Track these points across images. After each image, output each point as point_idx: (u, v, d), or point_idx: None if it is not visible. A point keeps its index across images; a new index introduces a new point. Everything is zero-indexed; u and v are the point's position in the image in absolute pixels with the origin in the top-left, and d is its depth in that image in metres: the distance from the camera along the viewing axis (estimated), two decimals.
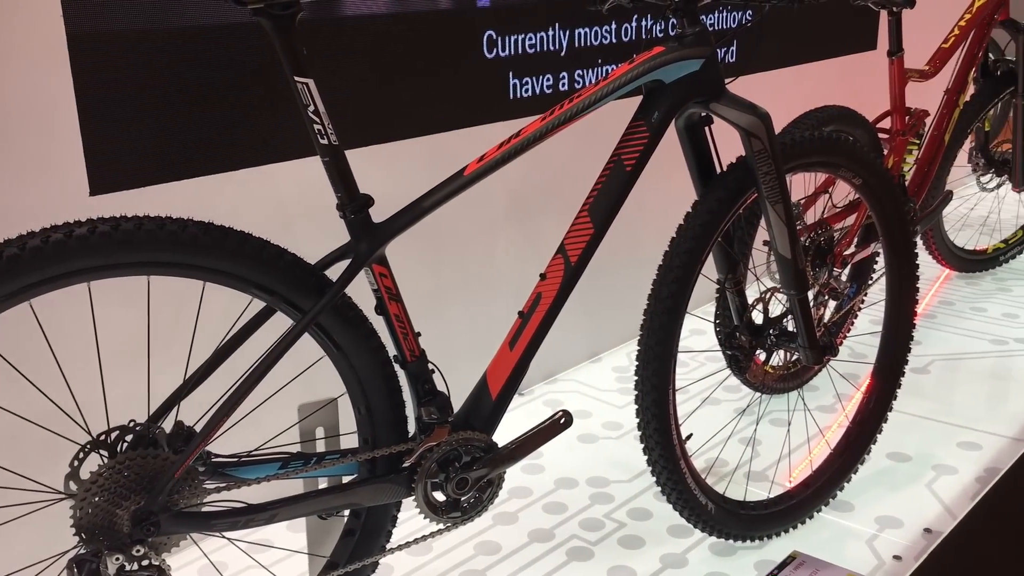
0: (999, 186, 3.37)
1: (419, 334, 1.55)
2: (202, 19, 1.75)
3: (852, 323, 2.72)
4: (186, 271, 1.34)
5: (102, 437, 1.33)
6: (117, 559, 1.31)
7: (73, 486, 1.31)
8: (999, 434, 2.37)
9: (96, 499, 1.30)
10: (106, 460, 1.32)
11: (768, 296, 1.91)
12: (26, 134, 1.59)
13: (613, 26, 2.59)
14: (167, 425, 1.39)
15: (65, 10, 1.58)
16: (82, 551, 1.31)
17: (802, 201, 2.43)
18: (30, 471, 1.42)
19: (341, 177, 1.43)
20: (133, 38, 1.67)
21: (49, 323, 1.44)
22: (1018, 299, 3.26)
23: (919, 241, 3.06)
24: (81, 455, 1.32)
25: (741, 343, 1.90)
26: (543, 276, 1.63)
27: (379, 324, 1.52)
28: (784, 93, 3.28)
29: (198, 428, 1.38)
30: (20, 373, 1.42)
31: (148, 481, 1.33)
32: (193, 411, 1.41)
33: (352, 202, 1.44)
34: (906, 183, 2.86)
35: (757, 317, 1.91)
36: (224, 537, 1.55)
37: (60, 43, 1.59)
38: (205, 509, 1.40)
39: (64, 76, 1.60)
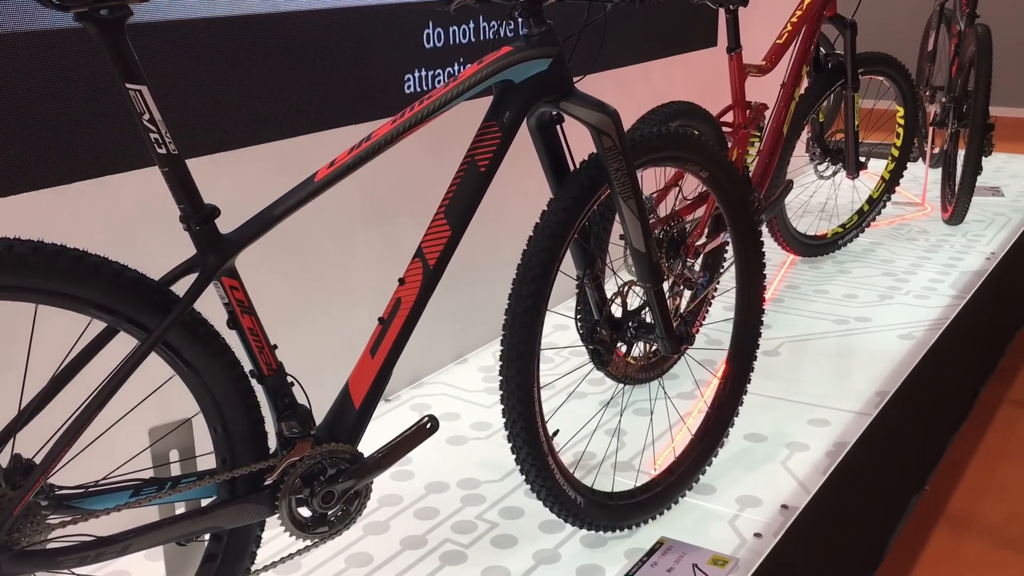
0: (835, 174, 3.55)
1: (275, 347, 1.50)
2: (19, 25, 1.64)
3: (707, 311, 2.81)
4: (15, 294, 1.25)
5: None
6: None
7: None
8: (845, 409, 2.51)
9: None
10: None
11: (626, 289, 1.95)
12: None
13: (471, 26, 2.59)
14: (3, 459, 1.30)
15: None
16: None
17: (654, 195, 2.49)
18: None
19: (183, 187, 1.37)
20: None
21: None
22: (856, 280, 3.45)
23: (764, 229, 3.20)
24: None
25: (602, 337, 1.93)
26: (402, 281, 1.61)
27: (232, 338, 1.46)
28: (631, 90, 3.37)
29: (38, 460, 1.29)
30: None
31: None
32: (32, 442, 1.32)
33: (196, 213, 1.38)
34: (750, 174, 2.98)
35: (616, 311, 1.95)
36: (74, 574, 1.46)
37: None
38: (50, 546, 1.32)
39: None
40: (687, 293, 2.51)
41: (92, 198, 1.81)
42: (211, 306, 1.43)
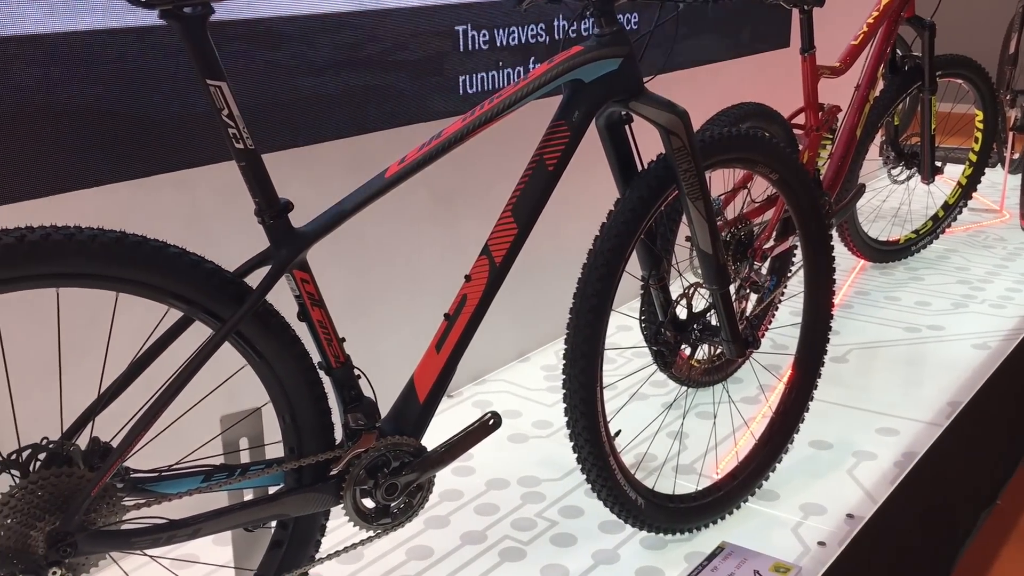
0: (909, 178, 3.48)
1: (343, 339, 1.53)
2: (111, 20, 1.70)
3: (773, 315, 2.77)
4: (99, 282, 1.30)
5: (13, 456, 1.28)
6: None
7: None
8: (915, 419, 2.45)
9: (8, 521, 1.25)
10: (18, 480, 1.27)
11: (691, 291, 1.94)
12: None
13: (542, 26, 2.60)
14: (82, 442, 1.34)
15: None
16: None
17: (722, 197, 2.47)
18: None
19: (258, 182, 1.40)
20: (36, 41, 1.61)
21: None
22: (929, 287, 3.37)
23: (835, 233, 3.14)
24: None
25: (666, 338, 1.92)
26: (468, 277, 1.63)
27: (302, 330, 1.49)
28: (701, 91, 3.34)
29: (115, 443, 1.33)
30: None
31: (63, 500, 1.28)
32: (109, 426, 1.36)
33: (271, 207, 1.42)
34: (821, 177, 2.93)
35: (681, 312, 1.94)
36: (146, 555, 1.51)
37: None
38: (125, 527, 1.36)
39: None
40: (753, 296, 2.48)
41: (171, 191, 1.87)
42: (282, 299, 1.47)
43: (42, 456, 1.30)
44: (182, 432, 1.52)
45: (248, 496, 1.56)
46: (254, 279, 1.42)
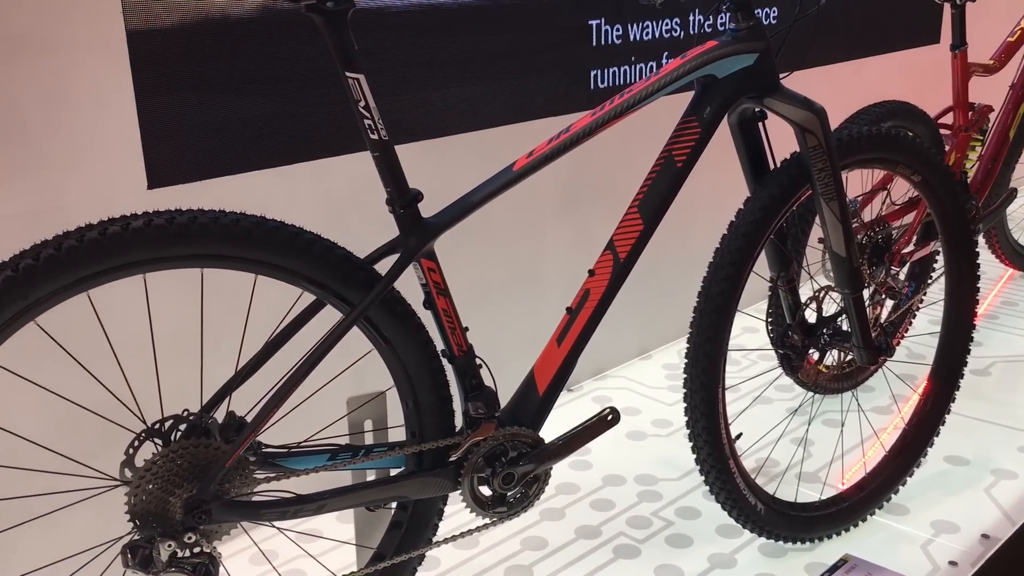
0: None
1: (467, 329, 1.55)
2: (256, 14, 1.78)
3: (910, 323, 2.66)
4: (239, 264, 1.36)
5: (156, 426, 1.36)
6: (169, 546, 1.34)
7: (128, 473, 1.34)
8: None
9: (150, 487, 1.33)
10: (160, 449, 1.35)
11: (822, 294, 1.88)
12: (86, 128, 1.62)
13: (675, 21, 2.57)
14: (219, 415, 1.42)
15: (125, 5, 1.61)
16: (136, 537, 1.34)
17: (859, 198, 2.38)
18: (86, 458, 1.46)
19: (391, 172, 1.44)
20: (190, 33, 1.70)
21: (106, 314, 1.47)
22: None
23: (981, 239, 2.98)
24: (136, 443, 1.35)
25: (794, 342, 1.87)
26: (591, 272, 1.62)
27: (427, 319, 1.52)
28: (842, 88, 3.22)
29: (249, 419, 1.40)
30: (78, 362, 1.45)
31: (200, 470, 1.36)
32: (244, 402, 1.43)
33: (401, 197, 1.45)
34: (968, 180, 2.79)
35: (810, 316, 1.88)
36: (273, 526, 1.57)
37: (120, 38, 1.62)
38: (255, 498, 1.43)
39: (123, 71, 1.64)
40: (890, 303, 2.39)
41: (307, 179, 1.94)
42: (409, 286, 1.50)
43: (182, 427, 1.37)
44: (311, 411, 1.57)
45: (370, 477, 1.60)
46: (383, 267, 1.46)
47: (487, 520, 1.60)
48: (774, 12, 2.86)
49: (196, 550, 1.35)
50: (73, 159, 1.62)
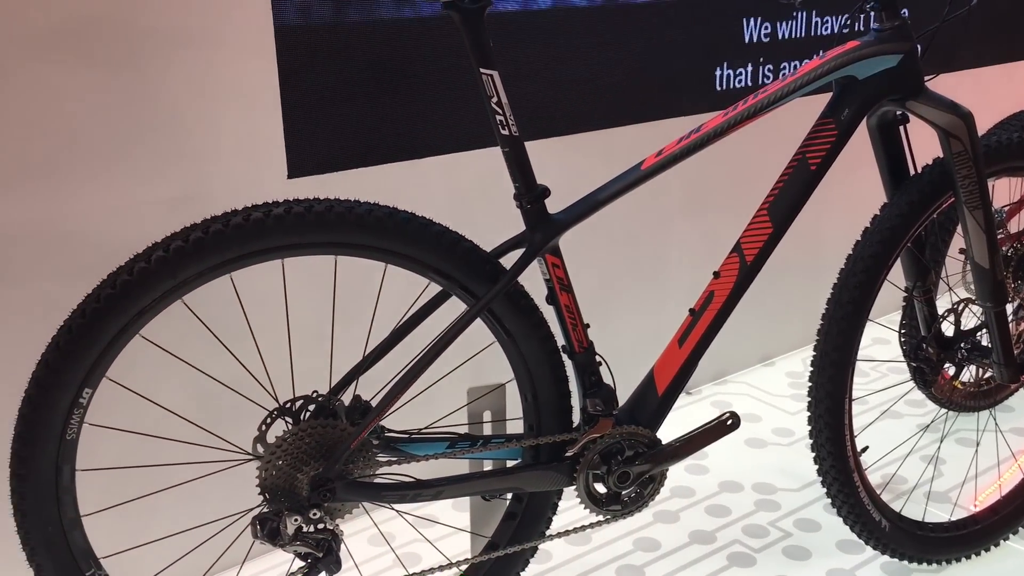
0: None
1: (588, 326, 1.56)
2: (397, 12, 1.83)
3: None
4: (371, 253, 1.41)
5: (288, 405, 1.42)
6: (296, 520, 1.39)
7: (260, 449, 1.40)
8: None
9: (279, 462, 1.39)
10: (290, 427, 1.40)
11: (961, 307, 1.80)
12: (233, 119, 1.71)
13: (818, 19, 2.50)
14: (346, 398, 1.47)
15: (274, 2, 1.68)
16: (265, 510, 1.40)
17: (1006, 208, 2.26)
18: (221, 432, 1.54)
19: (520, 168, 1.46)
20: (335, 30, 1.76)
21: (246, 297, 1.55)
22: None
23: None
24: (268, 420, 1.42)
25: (928, 355, 1.80)
26: (717, 274, 1.60)
27: (549, 314, 1.54)
28: (991, 92, 3.06)
29: (374, 403, 1.44)
30: (220, 341, 1.53)
31: (327, 449, 1.41)
32: (370, 387, 1.48)
33: (529, 192, 1.47)
34: None
35: (947, 329, 1.80)
36: (393, 509, 1.62)
37: (268, 34, 1.70)
38: (377, 480, 1.47)
39: (270, 66, 1.71)
40: None
41: (438, 173, 1.98)
42: (532, 281, 1.52)
43: (311, 408, 1.43)
44: (432, 399, 1.61)
45: (487, 467, 1.63)
46: (508, 261, 1.48)
47: (600, 517, 1.60)
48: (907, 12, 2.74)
49: (320, 526, 1.41)
50: (220, 149, 1.71)
